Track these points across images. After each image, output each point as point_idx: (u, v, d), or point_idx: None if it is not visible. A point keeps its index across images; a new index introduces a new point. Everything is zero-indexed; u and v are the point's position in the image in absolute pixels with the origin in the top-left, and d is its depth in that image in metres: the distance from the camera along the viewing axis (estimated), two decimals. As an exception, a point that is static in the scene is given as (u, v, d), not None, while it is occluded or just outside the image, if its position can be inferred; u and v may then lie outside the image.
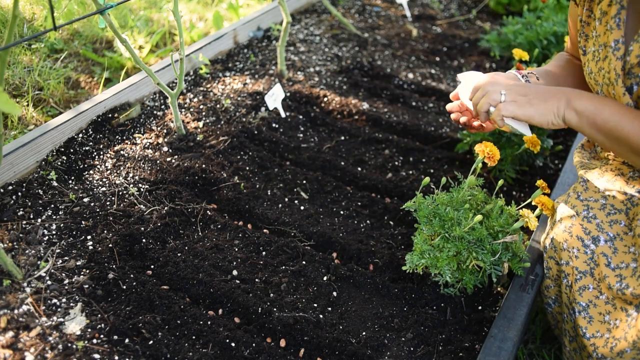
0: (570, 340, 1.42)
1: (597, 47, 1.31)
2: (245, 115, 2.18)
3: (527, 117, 1.26)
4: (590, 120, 1.23)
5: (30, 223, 1.60)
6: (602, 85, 1.30)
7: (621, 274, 1.25)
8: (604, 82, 1.29)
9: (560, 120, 1.26)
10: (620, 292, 1.25)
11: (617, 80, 1.24)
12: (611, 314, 1.28)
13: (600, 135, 1.24)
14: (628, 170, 1.37)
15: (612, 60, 1.25)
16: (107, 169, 1.86)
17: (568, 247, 1.33)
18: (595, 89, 1.35)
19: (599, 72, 1.30)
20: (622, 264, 1.26)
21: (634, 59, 1.21)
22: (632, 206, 1.30)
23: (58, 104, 2.34)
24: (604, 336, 1.28)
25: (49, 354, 1.26)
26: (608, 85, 1.28)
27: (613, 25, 1.25)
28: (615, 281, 1.25)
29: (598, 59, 1.30)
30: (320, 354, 1.39)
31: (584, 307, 1.31)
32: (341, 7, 3.27)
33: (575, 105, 1.24)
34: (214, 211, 1.77)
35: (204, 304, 1.49)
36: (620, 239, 1.27)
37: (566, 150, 2.15)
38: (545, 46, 2.65)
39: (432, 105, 2.42)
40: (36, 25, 2.73)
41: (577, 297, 1.32)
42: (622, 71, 1.23)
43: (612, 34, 1.25)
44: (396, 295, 1.55)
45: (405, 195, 1.90)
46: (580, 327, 1.32)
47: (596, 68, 1.31)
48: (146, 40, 2.88)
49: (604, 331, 1.29)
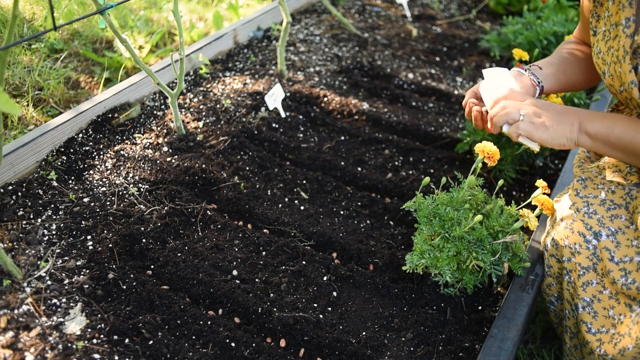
0: (571, 336, 1.42)
1: (608, 27, 1.33)
2: (245, 115, 2.18)
3: (541, 140, 1.30)
4: (605, 140, 1.28)
5: (30, 223, 1.60)
6: (609, 65, 1.32)
7: (625, 267, 1.26)
8: (611, 61, 1.31)
9: (573, 144, 1.31)
10: (625, 287, 1.25)
11: (624, 58, 1.26)
12: (615, 309, 1.28)
13: (616, 152, 1.29)
14: (624, 166, 1.39)
15: (622, 38, 1.27)
16: (107, 169, 1.86)
17: (570, 243, 1.34)
18: (602, 69, 1.36)
19: (608, 52, 1.32)
20: (626, 258, 1.26)
21: None
22: (631, 200, 1.31)
23: (58, 104, 2.34)
24: (609, 331, 1.29)
25: (49, 354, 1.26)
26: (615, 64, 1.29)
27: (625, 4, 1.27)
28: (619, 275, 1.26)
29: (608, 38, 1.32)
30: (320, 354, 1.39)
31: (588, 303, 1.32)
32: (341, 7, 3.27)
33: (588, 129, 1.28)
34: (214, 211, 1.77)
35: (204, 304, 1.49)
36: (622, 233, 1.28)
37: (566, 150, 2.15)
38: (545, 46, 2.65)
39: (432, 105, 2.42)
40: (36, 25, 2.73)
41: (581, 292, 1.32)
42: (630, 49, 1.26)
43: (624, 12, 1.27)
44: (396, 295, 1.55)
45: (405, 195, 1.90)
46: (585, 322, 1.33)
47: (605, 47, 1.33)
48: (146, 40, 2.88)
49: (609, 326, 1.29)
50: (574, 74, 1.54)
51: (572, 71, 1.54)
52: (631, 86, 1.27)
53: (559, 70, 1.52)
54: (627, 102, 1.37)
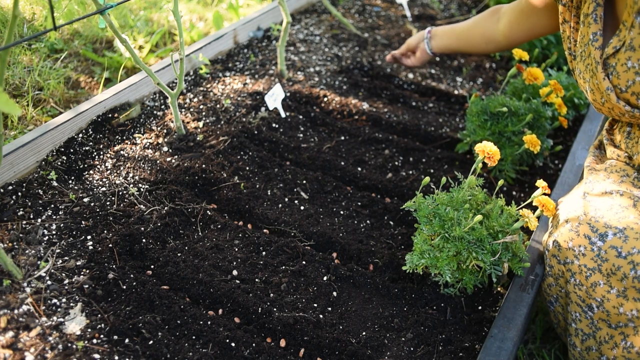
0: (584, 339, 1.40)
1: (583, 48, 1.43)
2: (245, 115, 2.18)
3: None
4: None
5: (30, 223, 1.60)
6: (589, 81, 1.42)
7: (633, 260, 1.24)
8: (590, 77, 1.41)
9: None
10: (637, 280, 1.23)
11: (597, 67, 1.36)
12: (624, 306, 1.28)
13: None
14: (632, 172, 1.39)
15: (592, 51, 1.38)
16: (107, 169, 1.86)
17: (573, 245, 1.34)
18: (584, 87, 1.46)
19: (586, 69, 1.42)
20: (634, 250, 1.25)
21: (611, 50, 1.33)
22: None
23: (58, 104, 2.34)
24: (628, 325, 1.29)
25: (49, 354, 1.26)
26: (592, 77, 1.40)
27: (591, 21, 1.39)
28: (629, 269, 1.24)
29: (584, 57, 1.42)
30: (320, 354, 1.39)
31: (600, 302, 1.31)
32: (341, 7, 3.27)
33: None
34: (214, 211, 1.77)
35: (204, 304, 1.49)
36: (630, 229, 1.27)
37: (566, 150, 2.15)
38: (545, 46, 2.65)
39: (432, 105, 2.42)
40: (36, 25, 2.73)
41: (592, 293, 1.32)
42: (600, 59, 1.36)
43: (591, 28, 1.39)
44: (396, 295, 1.55)
45: (405, 195, 1.90)
46: (604, 320, 1.32)
47: (583, 66, 1.43)
48: (146, 40, 2.88)
49: (625, 321, 1.29)
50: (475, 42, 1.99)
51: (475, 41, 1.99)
52: (608, 92, 1.35)
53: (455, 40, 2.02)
54: (612, 114, 1.40)
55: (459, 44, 2.01)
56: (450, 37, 2.02)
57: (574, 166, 1.91)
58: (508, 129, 1.92)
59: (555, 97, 1.99)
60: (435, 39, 2.06)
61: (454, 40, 2.02)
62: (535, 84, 2.03)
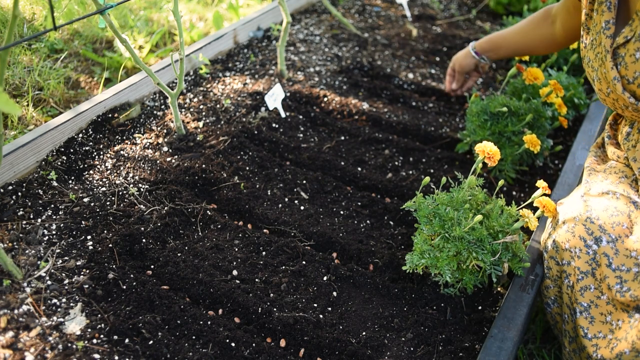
0: (570, 341, 1.42)
1: (594, 36, 1.43)
2: (245, 115, 2.18)
3: None
4: None
5: (30, 223, 1.60)
6: (597, 70, 1.42)
7: (621, 276, 1.26)
8: (598, 66, 1.41)
9: None
10: (619, 294, 1.25)
11: (606, 56, 1.37)
12: (613, 315, 1.28)
13: None
14: (631, 173, 1.39)
15: (603, 39, 1.38)
16: (107, 169, 1.86)
17: (570, 247, 1.34)
18: (592, 76, 1.46)
19: (596, 58, 1.42)
20: (623, 267, 1.26)
21: (621, 40, 1.34)
22: (635, 209, 1.31)
23: (58, 104, 2.34)
24: (607, 337, 1.28)
25: (49, 354, 1.26)
26: (600, 66, 1.40)
27: (605, 9, 1.39)
28: (615, 282, 1.26)
29: (595, 45, 1.43)
30: (320, 354, 1.39)
31: (586, 308, 1.31)
32: (341, 7, 3.27)
33: None
34: (214, 211, 1.77)
35: (204, 304, 1.49)
36: (621, 242, 1.28)
37: (566, 150, 2.15)
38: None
39: (432, 105, 2.42)
40: (36, 25, 2.73)
41: (579, 297, 1.32)
42: (610, 48, 1.36)
43: (604, 16, 1.39)
44: (396, 295, 1.55)
45: (405, 195, 1.90)
46: (582, 327, 1.32)
47: (593, 55, 1.43)
48: (146, 40, 2.88)
49: (607, 332, 1.29)
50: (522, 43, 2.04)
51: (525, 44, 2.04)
52: (614, 82, 1.35)
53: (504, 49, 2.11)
54: (616, 106, 1.40)
55: (517, 52, 2.10)
56: (507, 50, 2.11)
57: (574, 166, 1.91)
58: (508, 129, 1.92)
59: (555, 97, 1.99)
60: (490, 54, 2.17)
61: (511, 52, 2.11)
62: (535, 83, 2.03)
